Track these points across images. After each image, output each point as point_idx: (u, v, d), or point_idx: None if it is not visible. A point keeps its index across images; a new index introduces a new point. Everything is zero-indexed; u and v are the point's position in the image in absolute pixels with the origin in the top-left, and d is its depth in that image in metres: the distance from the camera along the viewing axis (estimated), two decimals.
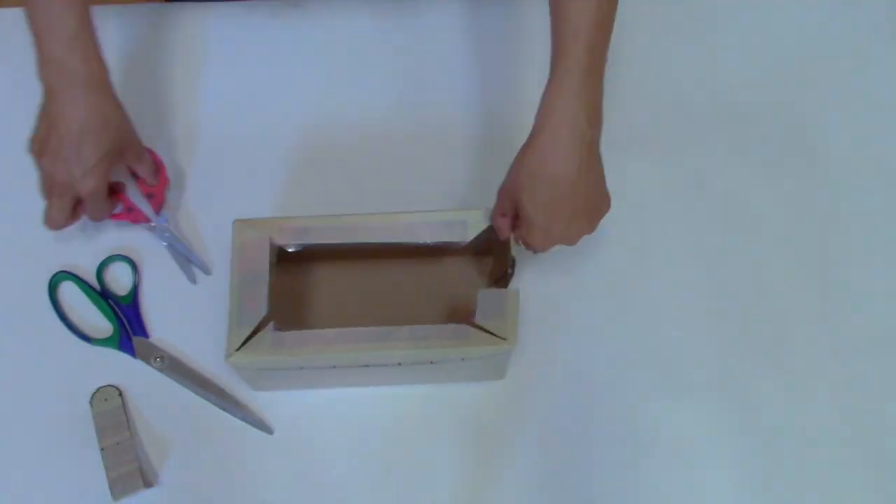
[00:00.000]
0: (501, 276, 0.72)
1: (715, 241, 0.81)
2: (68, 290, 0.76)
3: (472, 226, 0.69)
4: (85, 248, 0.77)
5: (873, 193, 0.84)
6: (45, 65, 0.70)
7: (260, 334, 0.65)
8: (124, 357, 0.74)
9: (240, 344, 0.64)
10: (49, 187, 0.72)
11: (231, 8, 0.91)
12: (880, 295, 0.79)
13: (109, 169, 0.72)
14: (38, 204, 0.80)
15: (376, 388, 0.73)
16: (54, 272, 0.76)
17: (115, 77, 0.85)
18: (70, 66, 0.69)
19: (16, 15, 0.89)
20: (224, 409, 0.72)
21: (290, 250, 0.69)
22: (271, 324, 0.65)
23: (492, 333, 0.65)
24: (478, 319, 0.65)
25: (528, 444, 0.72)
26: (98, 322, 0.75)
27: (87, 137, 0.69)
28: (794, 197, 0.83)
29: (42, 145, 0.71)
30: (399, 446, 0.72)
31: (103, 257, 0.77)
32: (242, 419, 0.72)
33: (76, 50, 0.69)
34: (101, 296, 0.75)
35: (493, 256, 0.75)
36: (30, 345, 0.74)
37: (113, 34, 0.86)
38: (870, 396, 0.75)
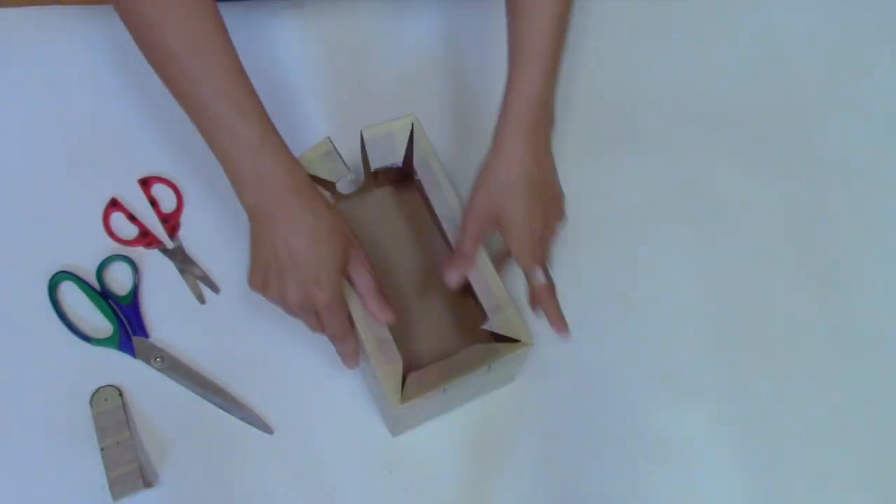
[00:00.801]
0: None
1: (715, 242, 0.81)
2: (68, 290, 0.76)
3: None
4: (85, 248, 0.77)
5: (872, 193, 0.84)
6: (243, 188, 0.63)
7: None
8: (124, 357, 0.74)
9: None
10: (293, 314, 0.67)
11: (231, 8, 0.91)
12: (881, 294, 0.79)
13: (341, 278, 0.65)
14: (37, 204, 0.80)
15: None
16: (54, 272, 0.76)
17: (115, 80, 0.85)
18: (270, 180, 0.62)
19: (16, 15, 0.89)
20: (224, 409, 0.72)
21: None
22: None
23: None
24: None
25: (529, 446, 0.72)
26: (98, 322, 0.75)
27: (315, 250, 0.63)
28: (793, 196, 0.83)
29: (265, 277, 0.64)
30: (400, 447, 0.72)
31: (103, 257, 0.77)
32: (242, 419, 0.72)
33: (270, 162, 0.62)
34: (101, 296, 0.75)
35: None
36: (30, 345, 0.74)
37: (112, 36, 0.86)
38: (871, 396, 0.75)
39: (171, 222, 0.79)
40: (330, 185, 0.71)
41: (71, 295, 0.76)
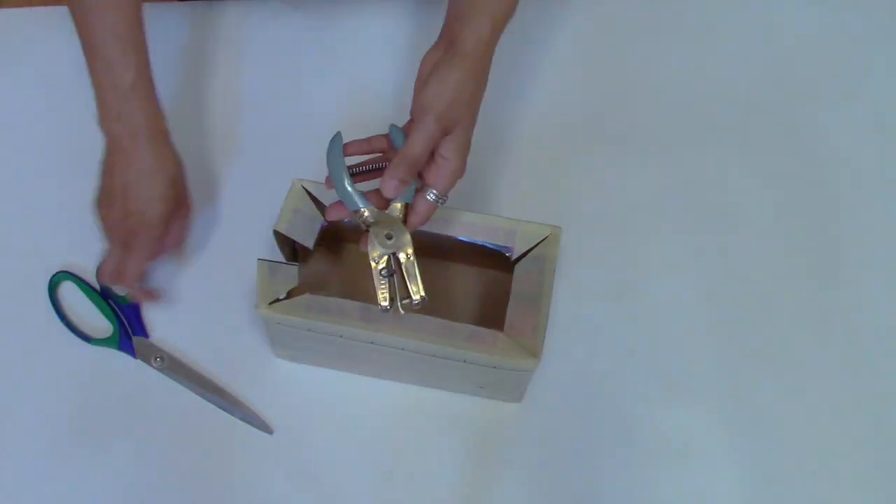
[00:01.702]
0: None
1: (715, 242, 0.81)
2: (68, 290, 0.76)
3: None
4: (85, 248, 0.77)
5: (872, 193, 0.84)
6: (105, 116, 0.69)
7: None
8: (124, 357, 0.74)
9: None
10: (109, 238, 0.73)
11: (231, 8, 0.91)
12: (880, 294, 0.79)
13: (169, 209, 0.72)
14: (37, 204, 0.80)
15: (382, 389, 0.73)
16: (54, 272, 0.76)
17: None
18: (130, 117, 0.69)
19: (16, 15, 0.89)
20: (224, 409, 0.72)
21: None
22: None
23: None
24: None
25: (528, 446, 0.72)
26: (98, 322, 0.75)
27: (147, 180, 0.70)
28: (794, 197, 0.83)
29: (103, 197, 0.72)
30: (400, 448, 0.72)
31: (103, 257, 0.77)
32: (242, 419, 0.72)
33: (134, 100, 0.69)
34: (101, 296, 0.76)
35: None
36: (30, 345, 0.74)
37: None
38: (871, 396, 0.75)
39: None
40: (306, 251, 0.71)
41: (71, 295, 0.76)
